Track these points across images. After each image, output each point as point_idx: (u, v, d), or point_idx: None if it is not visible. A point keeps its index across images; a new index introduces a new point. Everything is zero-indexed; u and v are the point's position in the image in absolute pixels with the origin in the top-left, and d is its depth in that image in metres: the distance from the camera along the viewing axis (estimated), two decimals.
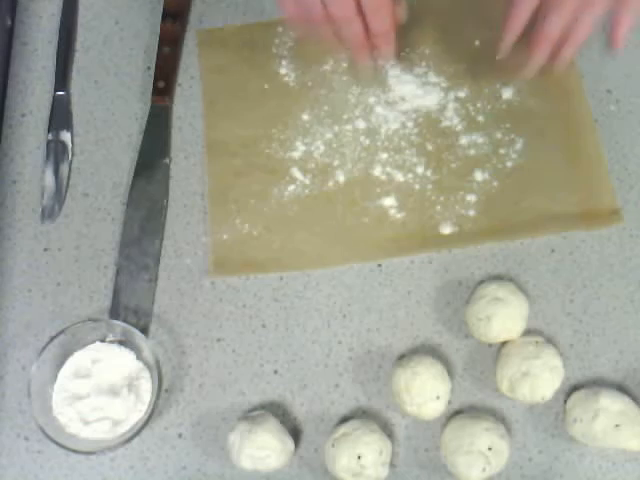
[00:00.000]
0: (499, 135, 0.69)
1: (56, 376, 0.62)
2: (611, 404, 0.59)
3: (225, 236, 0.67)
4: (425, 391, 0.59)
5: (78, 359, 0.62)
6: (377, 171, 0.69)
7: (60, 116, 0.72)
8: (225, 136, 0.70)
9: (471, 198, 0.67)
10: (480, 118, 0.70)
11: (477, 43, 0.72)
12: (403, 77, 0.71)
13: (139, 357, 0.63)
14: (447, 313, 0.65)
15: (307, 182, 0.69)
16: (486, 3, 0.72)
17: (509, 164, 0.68)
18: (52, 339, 0.61)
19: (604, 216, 0.67)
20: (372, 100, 0.71)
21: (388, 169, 0.69)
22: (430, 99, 0.70)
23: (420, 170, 0.68)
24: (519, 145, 0.69)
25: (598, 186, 0.67)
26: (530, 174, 0.68)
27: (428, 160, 0.69)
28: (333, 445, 0.58)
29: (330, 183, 0.68)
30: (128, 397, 0.61)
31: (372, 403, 0.63)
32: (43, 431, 0.59)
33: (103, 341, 0.64)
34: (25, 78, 0.74)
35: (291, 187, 0.68)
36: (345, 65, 0.72)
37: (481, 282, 0.64)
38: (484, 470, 0.57)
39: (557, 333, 0.64)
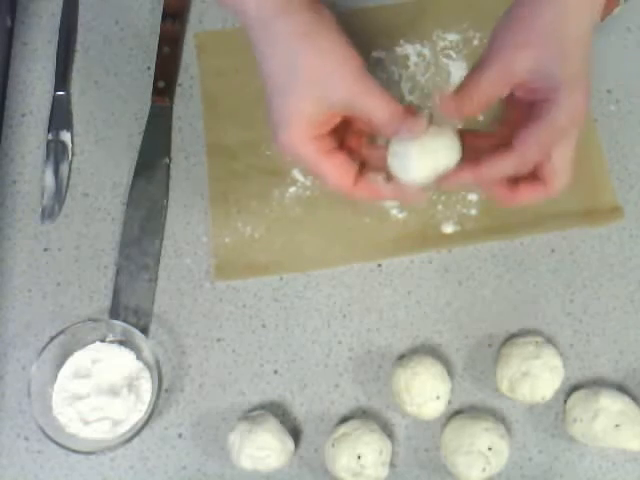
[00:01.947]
0: None
1: (56, 376, 0.62)
2: (611, 404, 0.59)
3: (227, 239, 0.67)
4: (425, 391, 0.59)
5: (78, 359, 0.62)
6: None
7: (60, 116, 0.72)
8: (225, 139, 0.70)
9: (472, 197, 0.67)
10: (480, 117, 0.70)
11: (476, 43, 0.72)
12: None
13: (139, 357, 0.63)
14: (447, 313, 0.65)
15: (308, 183, 0.68)
16: (484, 2, 0.72)
17: None
18: (52, 339, 0.61)
19: (605, 213, 0.67)
20: None
21: None
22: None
23: None
24: None
25: (598, 184, 0.68)
26: None
27: None
28: (333, 445, 0.58)
29: None
30: (128, 397, 0.61)
31: (372, 403, 0.63)
32: (43, 431, 0.59)
33: (103, 341, 0.64)
34: (25, 78, 0.74)
35: (292, 189, 0.68)
36: None
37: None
38: (484, 470, 0.57)
39: (557, 333, 0.64)
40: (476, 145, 0.53)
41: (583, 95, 0.49)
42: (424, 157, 0.51)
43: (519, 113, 0.52)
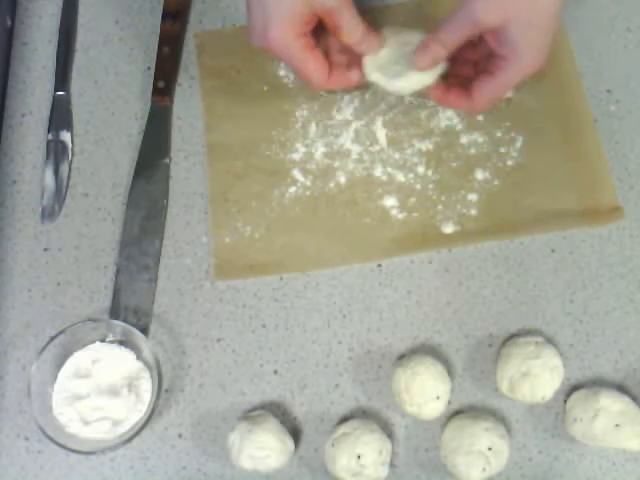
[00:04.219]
0: (499, 134, 0.69)
1: (56, 376, 0.62)
2: (611, 404, 0.59)
3: (227, 239, 0.67)
4: (425, 391, 0.59)
5: (78, 359, 0.62)
6: (378, 171, 0.69)
7: (60, 116, 0.72)
8: (225, 138, 0.70)
9: (472, 197, 0.67)
10: (480, 117, 0.70)
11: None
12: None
13: (139, 357, 0.63)
14: (447, 313, 0.65)
15: (308, 183, 0.69)
16: None
17: (509, 163, 0.68)
18: (52, 339, 0.61)
19: (605, 213, 0.67)
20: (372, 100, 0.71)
21: (389, 169, 0.69)
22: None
23: (421, 170, 0.68)
24: (519, 143, 0.69)
25: (598, 183, 0.68)
26: (531, 172, 0.68)
27: (429, 160, 0.69)
28: (333, 445, 0.58)
29: (331, 184, 0.68)
30: (128, 397, 0.61)
31: (372, 403, 0.63)
32: (43, 431, 0.59)
33: (103, 341, 0.64)
34: (25, 78, 0.74)
35: (292, 189, 0.68)
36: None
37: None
38: (484, 470, 0.57)
39: (557, 333, 0.64)
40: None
41: (535, 58, 0.59)
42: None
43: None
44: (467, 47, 0.61)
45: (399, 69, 0.62)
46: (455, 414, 0.62)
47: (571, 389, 0.62)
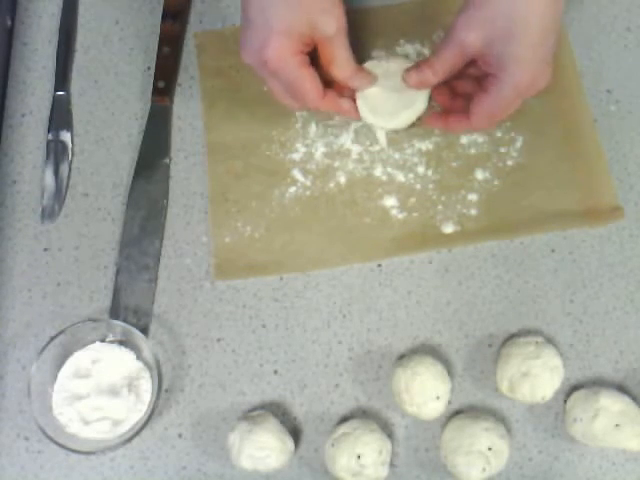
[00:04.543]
0: (499, 134, 0.69)
1: (56, 376, 0.62)
2: (611, 404, 0.59)
3: (227, 239, 0.67)
4: (425, 391, 0.59)
5: (78, 359, 0.63)
6: (378, 171, 0.69)
7: (60, 116, 0.72)
8: (225, 138, 0.70)
9: (472, 197, 0.67)
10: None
11: None
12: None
13: (139, 357, 0.63)
14: (447, 313, 0.65)
15: (308, 183, 0.69)
16: None
17: (510, 162, 0.68)
18: (52, 339, 0.61)
19: (605, 213, 0.67)
20: None
21: (389, 169, 0.69)
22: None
23: (421, 170, 0.68)
24: (519, 143, 0.69)
25: (599, 183, 0.68)
26: (531, 172, 0.68)
27: (429, 160, 0.69)
28: (333, 445, 0.58)
29: (331, 184, 0.68)
30: (128, 397, 0.61)
31: (372, 403, 0.63)
32: (43, 431, 0.59)
33: (103, 341, 0.64)
34: (25, 78, 0.74)
35: (292, 189, 0.68)
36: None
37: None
38: (484, 470, 0.57)
39: (557, 333, 0.64)
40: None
41: (527, 73, 0.58)
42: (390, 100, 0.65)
43: (469, 85, 0.64)
44: (469, 63, 0.61)
45: (391, 108, 0.64)
46: (455, 414, 0.62)
47: (571, 389, 0.62)
